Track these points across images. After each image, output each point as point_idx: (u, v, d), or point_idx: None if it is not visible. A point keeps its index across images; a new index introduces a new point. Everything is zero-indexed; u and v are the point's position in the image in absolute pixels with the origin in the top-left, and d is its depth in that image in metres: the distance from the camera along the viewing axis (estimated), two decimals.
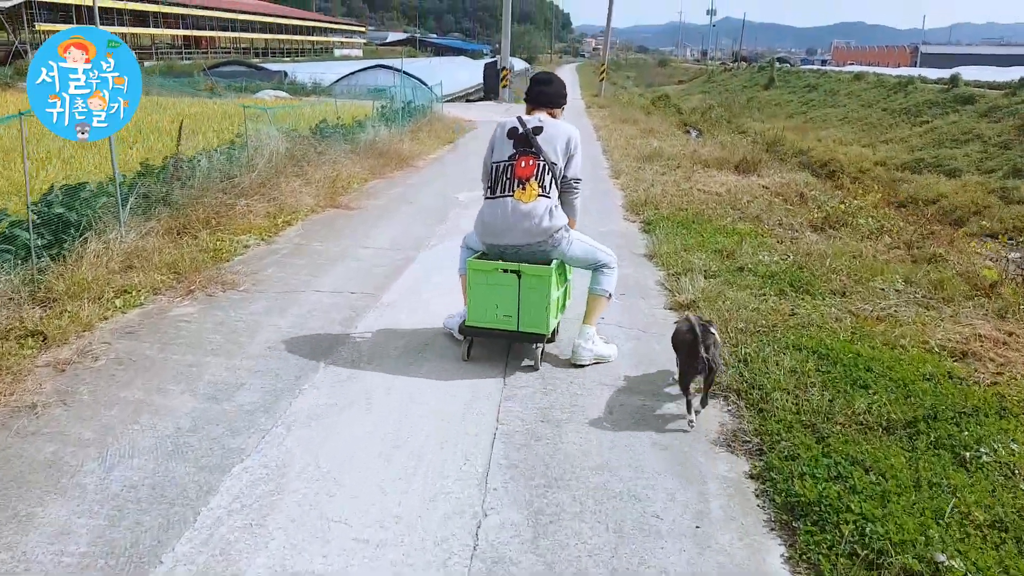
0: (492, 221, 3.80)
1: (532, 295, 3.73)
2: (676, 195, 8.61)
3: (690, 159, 12.43)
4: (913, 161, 26.59)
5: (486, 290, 3.79)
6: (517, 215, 3.71)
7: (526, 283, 3.72)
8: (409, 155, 11.64)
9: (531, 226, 3.70)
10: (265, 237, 6.32)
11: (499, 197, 3.79)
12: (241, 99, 24.07)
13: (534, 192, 3.72)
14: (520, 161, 3.78)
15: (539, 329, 3.78)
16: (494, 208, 3.79)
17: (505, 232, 3.76)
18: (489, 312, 3.81)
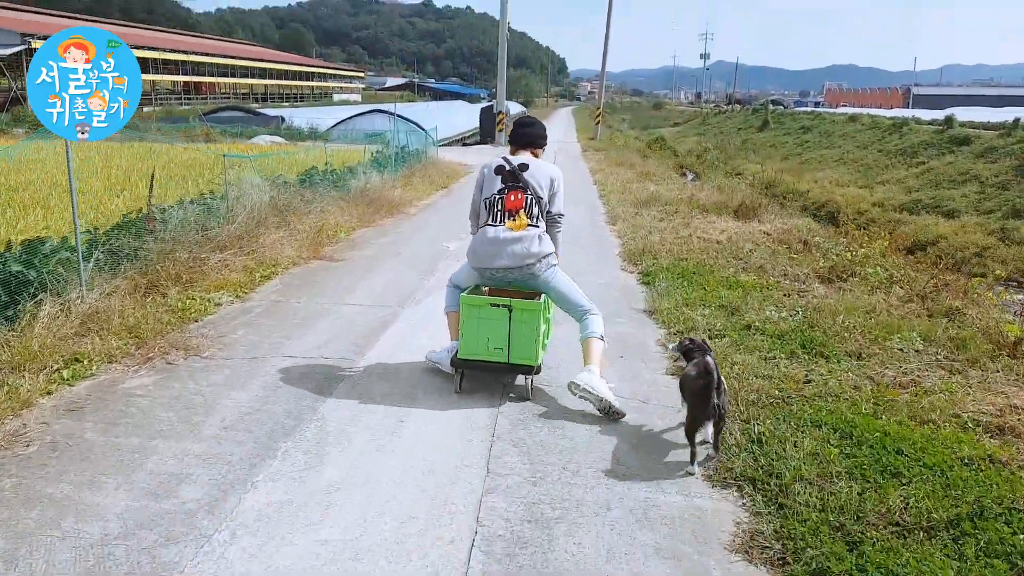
0: (482, 247, 4.03)
1: (522, 328, 3.91)
2: (675, 243, 8.27)
3: (688, 204, 12.14)
4: (911, 202, 26.52)
5: (478, 324, 3.95)
6: (507, 240, 3.96)
7: (516, 316, 3.91)
8: (401, 201, 11.34)
9: (521, 250, 3.95)
10: (240, 294, 5.93)
11: (490, 226, 4.03)
12: (236, 144, 23.97)
13: (524, 222, 4.00)
14: (509, 195, 4.04)
15: (529, 360, 3.96)
16: (487, 236, 4.02)
17: (497, 256, 3.98)
18: (481, 345, 3.97)
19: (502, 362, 3.97)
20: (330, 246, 7.94)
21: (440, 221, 10.17)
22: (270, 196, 8.07)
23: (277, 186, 8.80)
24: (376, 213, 10.09)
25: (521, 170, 4.10)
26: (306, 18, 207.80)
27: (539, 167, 4.16)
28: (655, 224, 9.73)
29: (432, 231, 9.36)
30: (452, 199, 12.89)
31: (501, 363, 3.98)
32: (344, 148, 18.61)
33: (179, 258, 5.88)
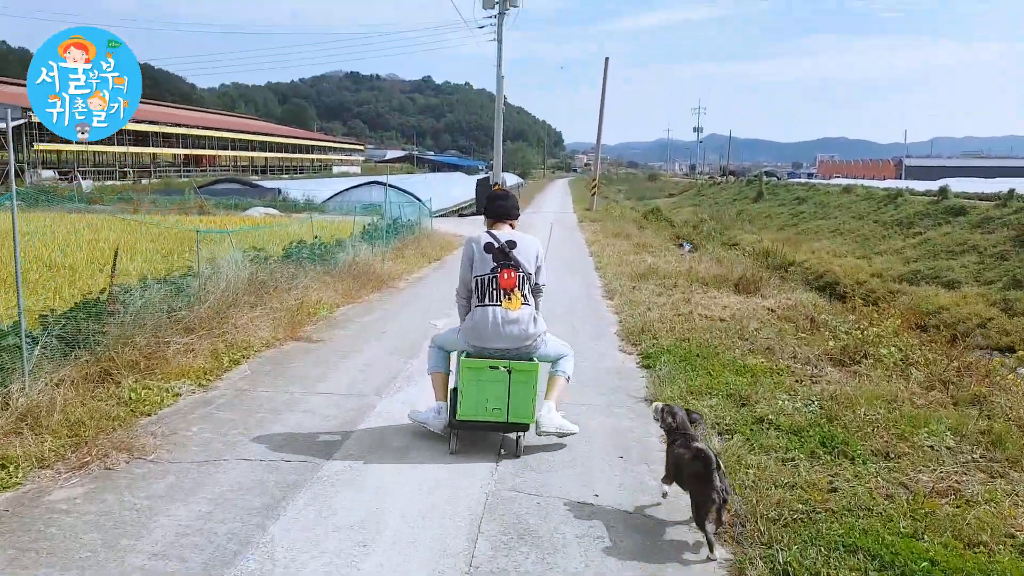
0: (483, 328, 4.14)
1: (521, 389, 4.09)
2: (676, 321, 7.82)
3: (687, 277, 11.77)
4: (909, 273, 26.37)
5: (478, 386, 4.08)
6: (506, 322, 4.12)
7: (516, 378, 4.07)
8: (390, 275, 10.95)
9: (519, 332, 4.14)
10: (204, 382, 5.44)
11: (487, 306, 4.15)
12: (229, 217, 23.83)
13: (518, 301, 4.16)
14: (503, 273, 4.18)
15: (526, 419, 4.13)
16: (484, 316, 4.14)
17: (495, 338, 4.14)
18: (480, 406, 4.10)
19: (501, 422, 4.12)
20: (310, 325, 7.48)
21: (429, 296, 9.74)
22: (249, 272, 7.66)
23: (258, 261, 8.42)
24: (363, 288, 9.67)
25: (510, 247, 4.24)
26: (308, 94, 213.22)
27: (526, 244, 4.32)
28: (654, 299, 9.32)
29: (420, 307, 8.92)
30: (444, 272, 12.51)
31: (500, 423, 4.13)
32: (338, 220, 18.42)
33: (140, 342, 5.41)
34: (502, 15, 30.34)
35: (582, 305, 9.29)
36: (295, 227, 16.60)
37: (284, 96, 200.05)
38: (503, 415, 4.09)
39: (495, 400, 4.09)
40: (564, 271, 12.71)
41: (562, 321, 7.53)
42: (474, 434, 4.32)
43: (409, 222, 17.23)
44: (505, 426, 4.15)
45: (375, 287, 9.99)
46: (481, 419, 4.12)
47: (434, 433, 4.36)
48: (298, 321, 7.32)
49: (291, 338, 6.88)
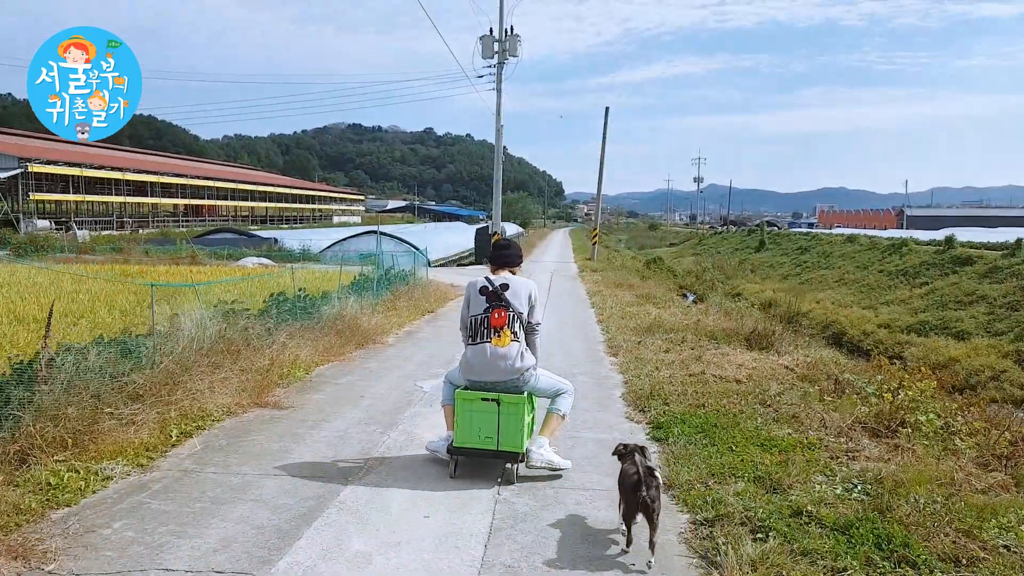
0: (475, 362, 4.49)
1: (509, 420, 4.38)
2: (687, 383, 7.06)
3: (694, 331, 11.05)
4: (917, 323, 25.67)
5: (471, 416, 4.42)
6: (495, 357, 4.42)
7: (504, 410, 4.38)
8: (377, 330, 10.21)
9: (507, 366, 4.42)
10: (143, 461, 4.66)
11: (479, 343, 4.48)
12: (220, 267, 23.23)
13: (508, 338, 4.44)
14: (494, 313, 4.48)
15: (515, 448, 4.39)
16: (476, 352, 4.49)
17: (485, 371, 4.45)
18: (473, 435, 4.43)
19: (492, 449, 4.42)
20: (281, 388, 6.72)
21: (418, 354, 8.99)
22: (216, 330, 6.94)
23: (229, 317, 7.71)
24: (346, 344, 8.93)
25: (503, 290, 4.56)
26: (311, 145, 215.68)
27: (517, 286, 4.61)
28: (661, 356, 8.57)
29: (407, 367, 8.16)
30: (437, 326, 11.78)
31: (491, 451, 4.43)
32: (332, 270, 17.80)
33: (70, 414, 4.65)
34: (501, 65, 30.26)
35: (584, 363, 8.53)
36: (284, 278, 15.97)
37: (287, 147, 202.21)
38: (494, 443, 4.42)
39: (487, 430, 4.41)
40: (565, 324, 11.98)
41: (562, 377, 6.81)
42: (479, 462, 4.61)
43: (403, 272, 16.59)
44: (496, 454, 4.44)
45: (359, 343, 9.24)
46: (475, 447, 4.46)
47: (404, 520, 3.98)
48: (267, 384, 6.56)
49: (257, 404, 6.11)
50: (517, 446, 4.39)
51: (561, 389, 4.69)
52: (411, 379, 7.44)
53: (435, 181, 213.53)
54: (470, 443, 4.44)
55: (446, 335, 10.55)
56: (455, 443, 4.52)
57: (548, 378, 4.68)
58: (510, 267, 4.75)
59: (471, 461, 4.61)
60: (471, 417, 4.43)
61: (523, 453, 4.46)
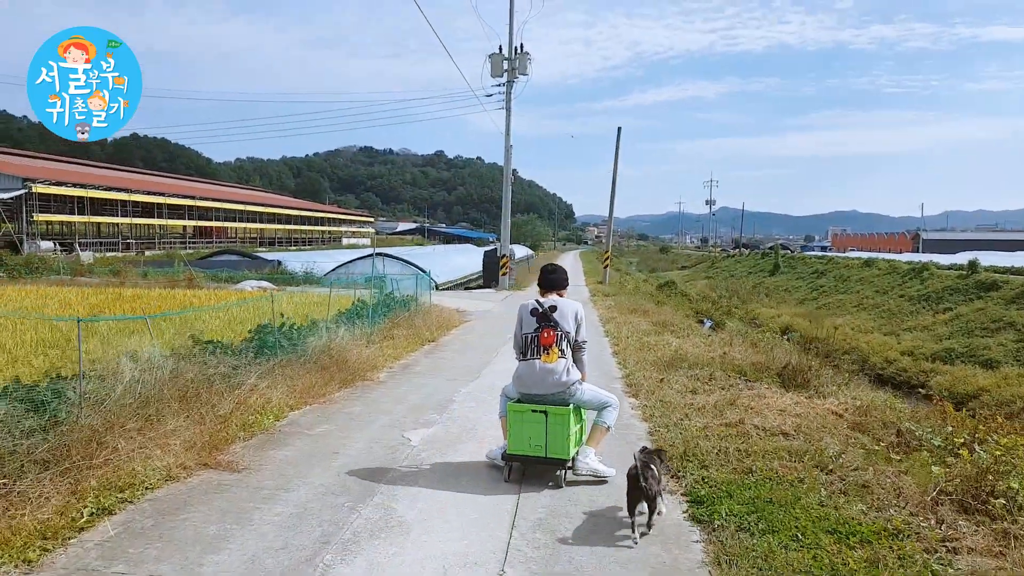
0: (525, 377, 4.97)
1: (556, 429, 4.83)
2: (726, 437, 5.92)
3: (721, 365, 9.93)
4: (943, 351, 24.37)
5: (522, 426, 4.90)
6: (544, 372, 4.89)
7: (552, 420, 4.83)
8: (367, 364, 9.13)
9: (554, 380, 4.88)
10: (32, 555, 3.57)
11: (529, 359, 4.97)
12: (218, 291, 22.26)
13: (555, 355, 4.90)
14: (543, 332, 4.96)
15: (562, 455, 4.85)
16: (527, 367, 4.98)
17: (535, 385, 4.92)
18: (524, 443, 4.90)
19: (541, 456, 4.85)
20: (239, 444, 5.63)
21: (411, 395, 7.88)
22: (170, 371, 5.89)
23: (195, 353, 6.67)
24: (330, 382, 7.85)
25: (551, 311, 4.98)
26: (322, 167, 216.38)
27: (565, 307, 5.04)
28: (689, 400, 7.44)
29: (397, 411, 7.05)
30: (437, 359, 10.69)
31: (540, 457, 4.85)
32: (335, 294, 16.82)
33: None
34: (511, 83, 29.45)
35: None
36: (271, 304, 14.94)
37: (298, 169, 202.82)
38: (543, 451, 4.82)
39: (536, 438, 4.83)
40: None
41: None
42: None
43: (405, 297, 15.54)
44: (545, 460, 4.85)
45: (346, 381, 8.15)
46: (526, 454, 4.87)
47: None
48: (224, 438, 5.48)
49: (206, 465, 5.02)
50: (564, 453, 4.82)
51: (606, 403, 5.09)
52: (399, 428, 6.33)
53: (445, 203, 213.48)
54: (522, 450, 4.88)
55: (446, 370, 9.48)
56: (508, 450, 4.96)
57: (593, 392, 5.09)
58: (557, 290, 5.25)
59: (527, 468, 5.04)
60: (522, 427, 4.87)
61: (570, 460, 4.89)
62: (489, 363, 10.40)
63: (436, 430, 6.25)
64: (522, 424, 4.87)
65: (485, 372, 9.54)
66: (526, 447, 4.86)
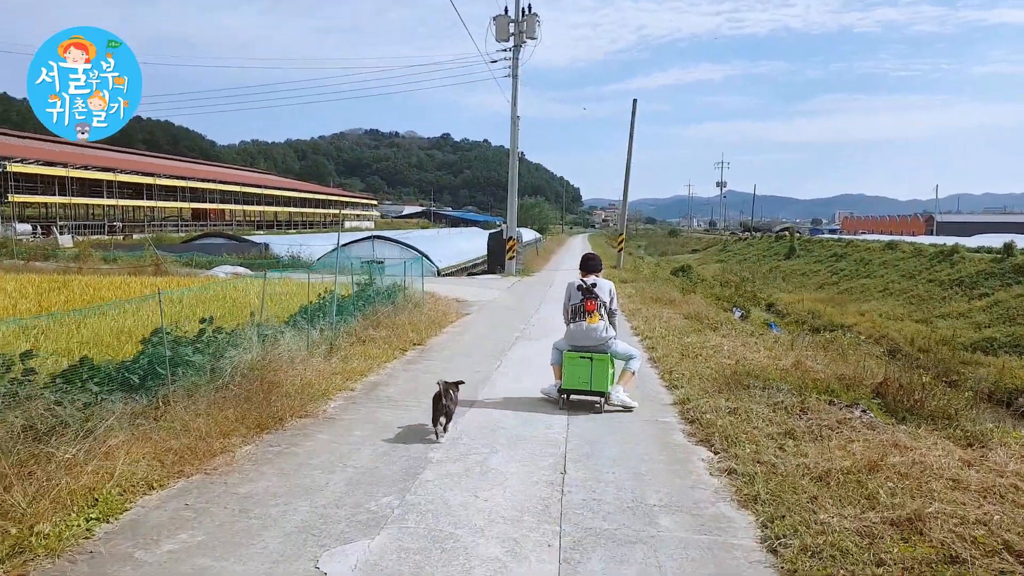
0: (575, 334, 6.55)
1: (598, 370, 6.40)
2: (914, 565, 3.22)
3: (799, 380, 7.23)
4: (983, 340, 21.81)
5: (573, 368, 6.45)
6: (589, 330, 6.50)
7: (595, 363, 6.41)
8: (314, 388, 6.43)
9: (597, 335, 6.48)
10: None
11: (578, 322, 6.56)
12: (187, 278, 19.60)
13: (597, 318, 6.53)
14: (587, 302, 6.56)
15: (602, 388, 6.43)
16: (576, 327, 6.56)
17: (582, 339, 6.51)
18: (574, 379, 6.45)
19: (587, 390, 6.44)
20: (47, 558, 2.95)
21: (361, 451, 4.98)
22: None
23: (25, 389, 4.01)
24: (237, 428, 5.12)
25: (592, 287, 6.62)
26: (328, 150, 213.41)
27: (602, 284, 6.72)
28: (798, 459, 4.71)
29: (327, 492, 4.15)
30: (418, 372, 7.98)
31: (586, 390, 6.44)
32: (317, 280, 14.13)
33: None
34: (517, 48, 26.52)
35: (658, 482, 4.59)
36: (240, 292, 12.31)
37: (303, 152, 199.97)
38: (588, 385, 6.41)
39: (583, 376, 6.41)
40: None
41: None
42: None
43: (392, 287, 12.82)
44: (589, 392, 6.45)
45: (267, 422, 5.39)
46: (576, 387, 6.45)
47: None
48: (16, 550, 2.80)
49: None
50: (603, 387, 6.40)
51: (632, 354, 6.74)
52: (315, 540, 3.56)
53: (452, 187, 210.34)
54: (573, 385, 6.46)
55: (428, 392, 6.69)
56: (563, 386, 6.52)
57: (624, 347, 6.75)
58: (595, 272, 6.79)
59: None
60: (574, 368, 6.43)
61: (607, 393, 6.46)
62: (490, 378, 7.71)
63: (383, 546, 3.50)
64: (574, 366, 6.41)
65: (484, 395, 6.87)
66: (576, 383, 6.41)
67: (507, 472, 4.53)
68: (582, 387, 6.38)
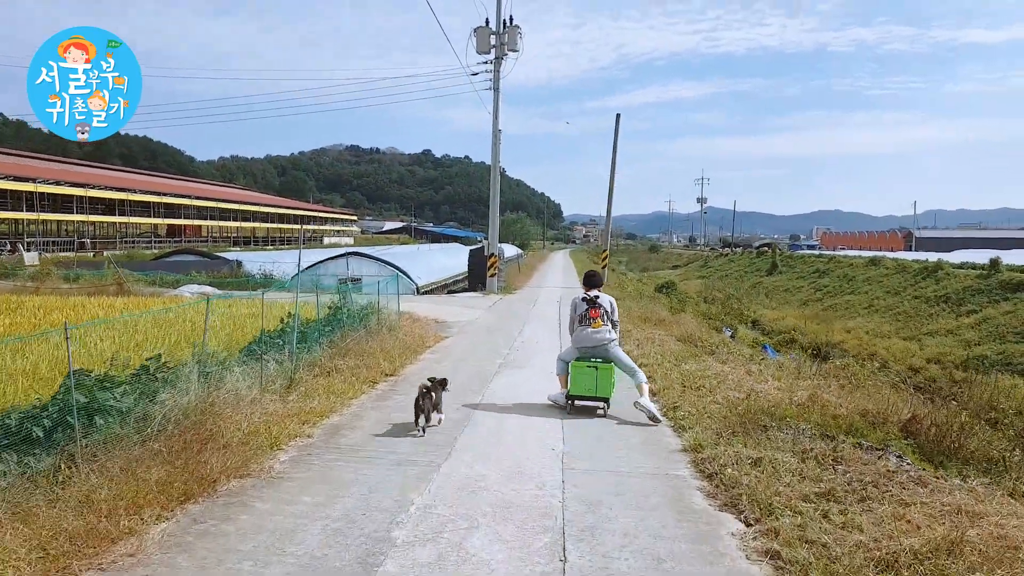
0: (583, 338, 7.28)
1: (603, 377, 7.07)
2: None
3: (819, 417, 6.38)
4: (974, 358, 21.38)
5: (580, 376, 7.11)
6: (593, 333, 7.26)
7: (600, 371, 7.09)
8: (261, 439, 5.45)
9: (600, 338, 7.24)
10: None
11: (583, 327, 7.31)
12: (150, 298, 18.47)
13: (600, 323, 7.29)
14: (591, 311, 7.32)
15: (607, 395, 7.12)
16: (582, 332, 7.30)
17: (588, 341, 7.25)
18: (581, 386, 7.12)
19: (592, 395, 7.10)
20: None
21: (308, 528, 4.02)
22: None
23: None
24: (166, 490, 4.15)
25: (595, 299, 7.38)
26: (308, 166, 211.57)
27: (603, 297, 7.51)
28: (847, 531, 3.82)
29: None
30: (388, 411, 6.99)
31: (592, 396, 7.11)
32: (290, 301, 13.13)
33: None
34: (499, 60, 25.75)
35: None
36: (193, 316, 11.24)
37: (283, 168, 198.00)
38: (594, 392, 7.07)
39: (589, 384, 7.07)
40: (601, 428, 7.19)
41: None
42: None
43: (365, 309, 11.83)
44: (595, 399, 7.11)
45: (202, 486, 4.42)
46: (583, 394, 7.12)
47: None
48: None
49: None
50: (607, 393, 7.10)
51: (634, 368, 7.35)
52: None
53: (433, 203, 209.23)
54: (579, 392, 7.12)
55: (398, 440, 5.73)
56: (570, 392, 7.18)
57: (624, 354, 7.51)
58: (596, 287, 7.58)
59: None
60: (580, 376, 7.09)
61: (608, 399, 7.14)
62: (471, 418, 6.77)
63: None
64: (580, 375, 7.12)
65: (463, 441, 5.92)
66: (583, 389, 7.12)
67: (491, 560, 3.57)
68: (588, 393, 7.11)
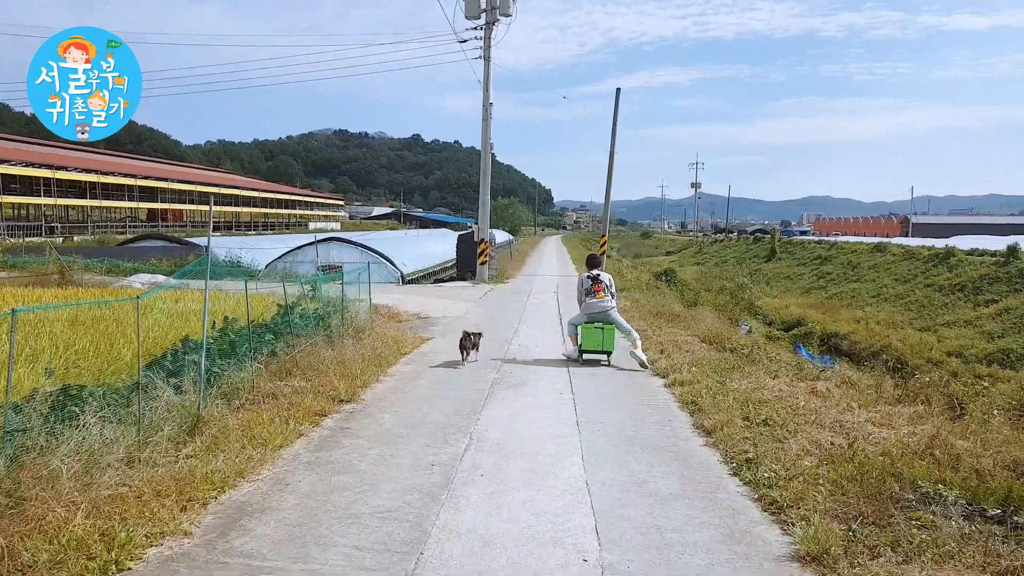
0: (591, 306, 9.30)
1: (607, 335, 9.08)
2: None
3: (960, 477, 4.19)
4: (998, 352, 19.81)
5: (589, 334, 9.12)
6: (599, 303, 9.30)
7: (605, 330, 9.11)
8: (95, 548, 3.24)
9: (603, 306, 9.29)
10: None
11: (589, 299, 9.36)
12: (99, 289, 16.07)
13: (603, 295, 9.34)
14: (596, 286, 9.38)
15: (610, 349, 9.15)
16: (590, 302, 9.33)
17: (594, 310, 9.28)
18: (591, 343, 9.09)
19: (600, 350, 9.10)
20: None
21: None
22: None
23: None
24: None
25: (597, 276, 9.47)
26: (296, 151, 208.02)
27: (604, 276, 9.57)
28: None
29: None
30: (327, 473, 4.75)
31: (599, 350, 9.10)
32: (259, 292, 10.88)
33: None
34: (490, 26, 23.36)
35: None
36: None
37: (271, 153, 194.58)
38: (601, 347, 9.08)
39: (597, 340, 9.06)
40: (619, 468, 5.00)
41: None
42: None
43: (326, 308, 9.57)
44: (601, 352, 9.16)
45: None
46: (592, 348, 9.10)
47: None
48: None
49: None
50: (611, 348, 9.12)
51: (629, 329, 9.45)
52: None
53: (422, 188, 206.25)
54: (590, 347, 9.10)
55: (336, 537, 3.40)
56: (582, 348, 9.17)
57: (622, 319, 9.54)
58: (598, 268, 9.67)
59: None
60: (591, 334, 9.09)
61: (611, 352, 9.18)
62: (450, 484, 4.53)
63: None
64: (590, 334, 9.10)
65: (433, 543, 3.69)
66: (593, 345, 9.08)
67: None
68: (596, 348, 9.07)
